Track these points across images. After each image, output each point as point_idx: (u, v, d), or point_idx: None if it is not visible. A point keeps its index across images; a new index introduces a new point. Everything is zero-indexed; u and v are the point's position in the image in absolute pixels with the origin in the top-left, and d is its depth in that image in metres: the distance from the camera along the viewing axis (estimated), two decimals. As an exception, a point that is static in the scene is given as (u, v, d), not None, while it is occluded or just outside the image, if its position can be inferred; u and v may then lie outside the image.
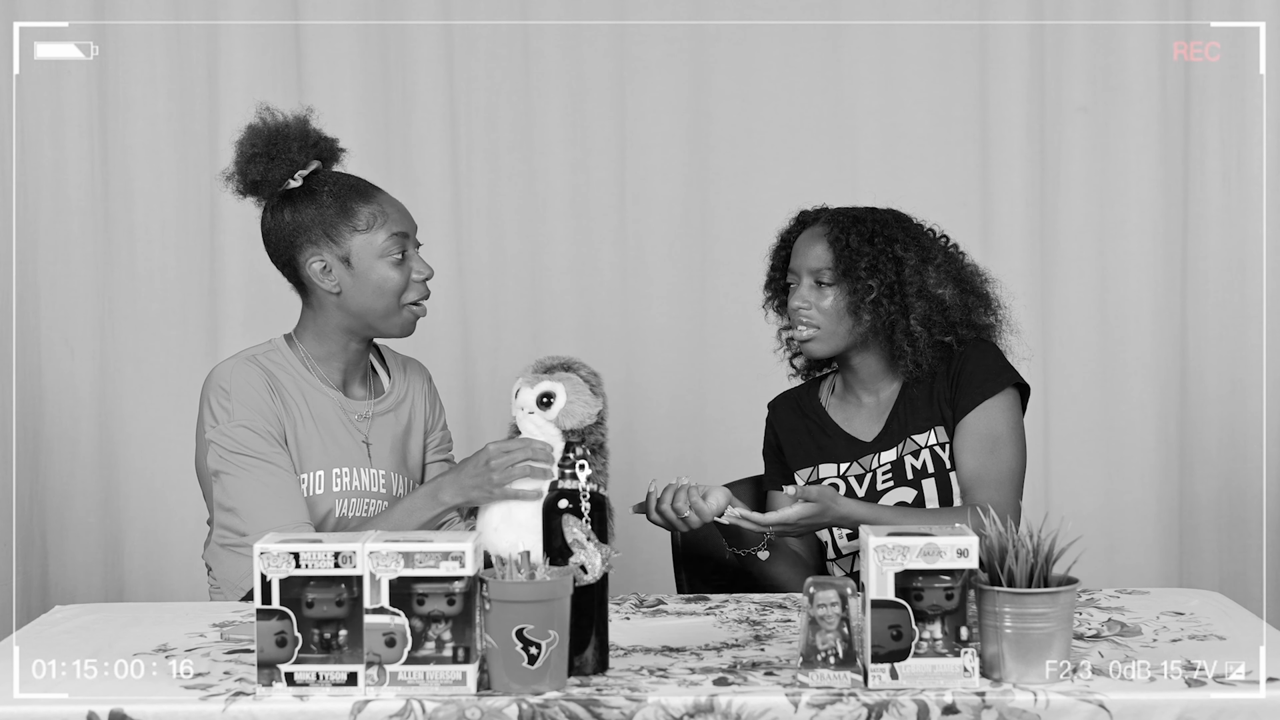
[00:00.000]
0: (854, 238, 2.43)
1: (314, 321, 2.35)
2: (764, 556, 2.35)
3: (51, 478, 3.45)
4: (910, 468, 2.44)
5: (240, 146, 2.31)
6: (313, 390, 2.33)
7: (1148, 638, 1.89)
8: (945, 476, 2.42)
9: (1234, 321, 3.47)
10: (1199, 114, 3.46)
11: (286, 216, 2.31)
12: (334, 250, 2.30)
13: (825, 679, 1.65)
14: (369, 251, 2.30)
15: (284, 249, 2.32)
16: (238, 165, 2.31)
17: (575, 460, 1.79)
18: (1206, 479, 3.51)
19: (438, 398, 2.52)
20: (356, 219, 2.30)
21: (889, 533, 1.68)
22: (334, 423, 2.33)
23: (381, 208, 2.32)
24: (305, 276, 2.32)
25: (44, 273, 3.43)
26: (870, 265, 2.41)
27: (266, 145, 2.29)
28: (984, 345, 2.47)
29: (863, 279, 2.41)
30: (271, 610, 1.65)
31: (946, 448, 2.43)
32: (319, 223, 2.29)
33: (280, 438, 2.26)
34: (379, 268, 2.30)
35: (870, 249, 2.42)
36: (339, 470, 2.31)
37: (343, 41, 3.42)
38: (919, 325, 2.41)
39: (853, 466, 2.48)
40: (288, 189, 2.30)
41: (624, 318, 3.50)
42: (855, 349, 2.47)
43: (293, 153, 2.29)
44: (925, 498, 2.42)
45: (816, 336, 2.44)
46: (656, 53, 3.47)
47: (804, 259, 2.46)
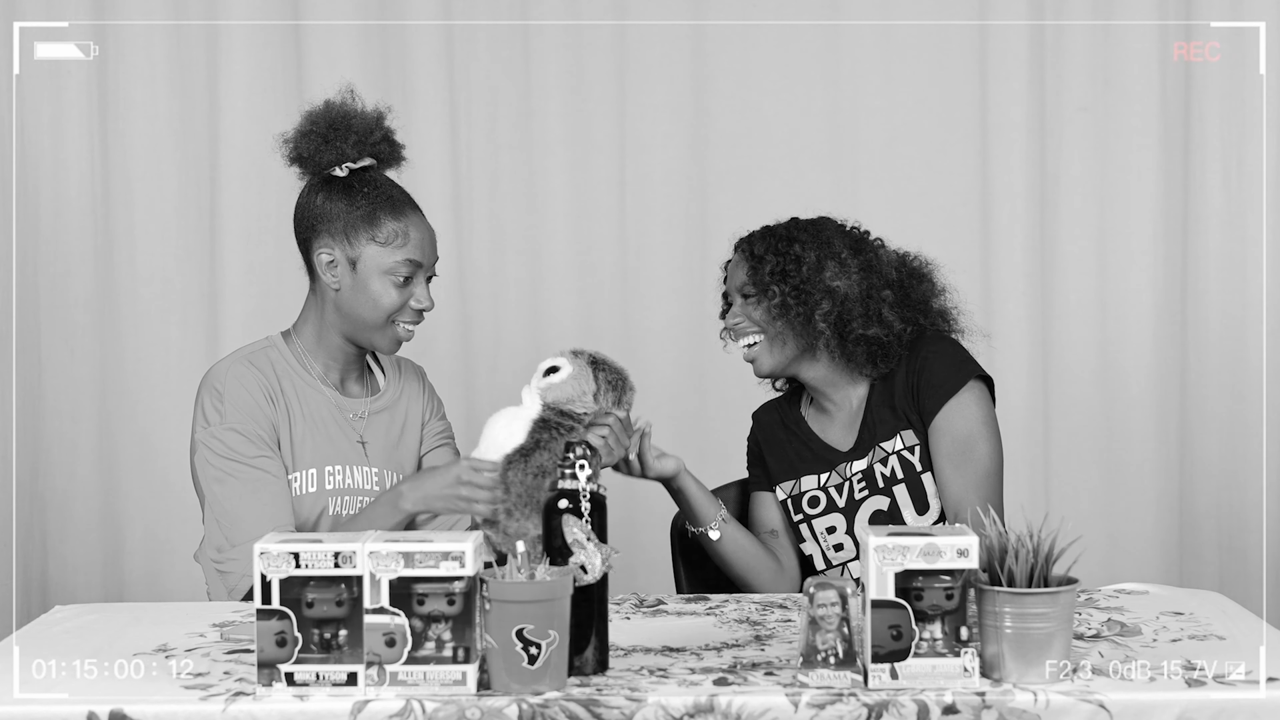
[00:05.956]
0: (760, 247, 2.48)
1: (315, 312, 2.36)
2: (714, 536, 2.43)
3: (51, 478, 3.45)
4: (880, 476, 2.45)
5: (305, 117, 2.32)
6: (308, 389, 2.33)
7: (1147, 638, 1.89)
8: (917, 480, 2.43)
9: (1234, 321, 3.47)
10: (1199, 114, 3.46)
11: (319, 200, 2.31)
12: (345, 250, 2.30)
13: (825, 679, 1.65)
14: (377, 265, 2.30)
15: (305, 229, 2.34)
16: (294, 135, 2.31)
17: (575, 460, 1.80)
18: (1206, 479, 3.51)
19: (434, 394, 2.52)
20: (378, 231, 2.30)
21: (889, 533, 1.68)
22: (329, 421, 2.34)
23: (407, 230, 2.31)
24: (314, 264, 2.33)
25: (44, 273, 3.43)
26: (774, 270, 2.45)
27: (326, 127, 2.29)
28: (938, 342, 2.46)
29: (769, 284, 2.44)
30: (271, 610, 1.65)
31: (916, 450, 2.43)
32: (342, 219, 2.29)
33: (271, 441, 2.26)
34: (380, 283, 2.30)
35: (774, 256, 2.46)
36: (332, 468, 2.31)
37: (343, 41, 3.42)
38: (824, 322, 2.42)
39: (831, 476, 2.50)
40: (332, 174, 2.31)
41: (624, 318, 3.50)
42: (804, 361, 2.48)
43: (347, 144, 2.30)
44: (899, 504, 2.43)
45: (758, 345, 2.47)
46: (656, 53, 3.47)
47: (731, 281, 2.53)
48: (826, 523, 2.48)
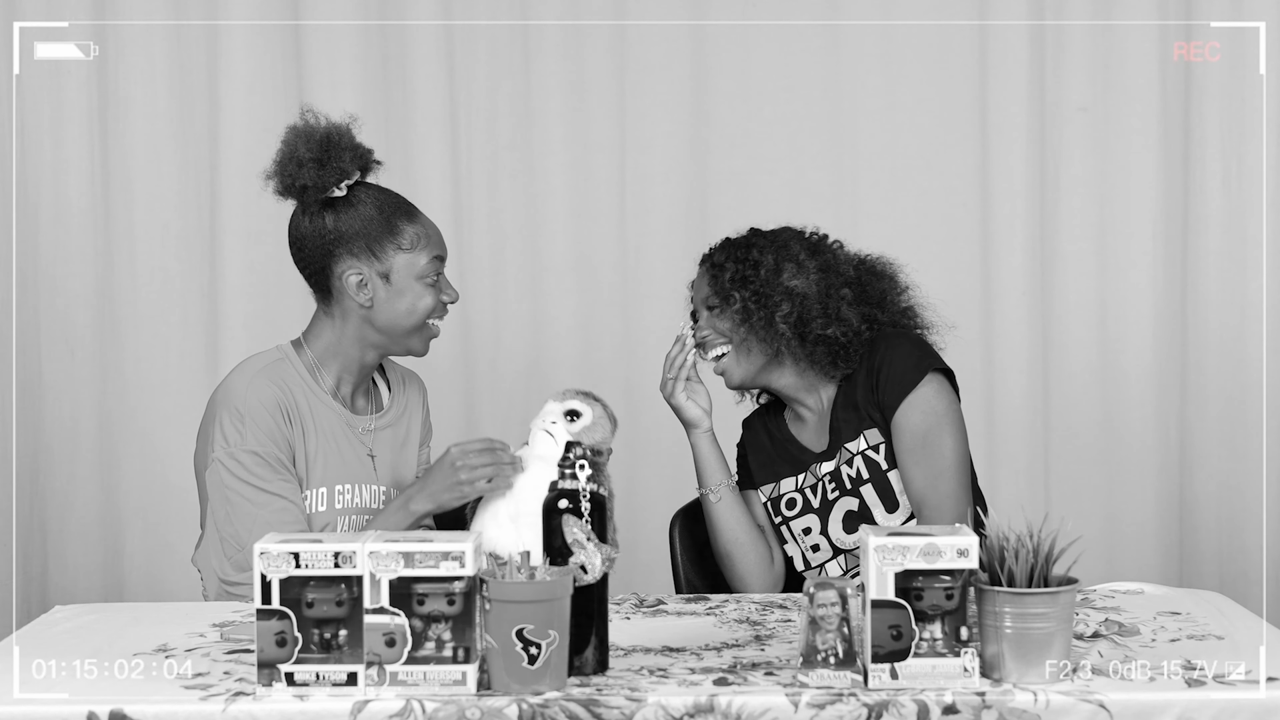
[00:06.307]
0: (720, 256, 2.50)
1: (330, 329, 2.32)
2: (714, 499, 2.49)
3: (51, 478, 3.45)
4: (847, 477, 2.46)
5: (287, 148, 2.26)
6: (320, 405, 2.31)
7: (1146, 637, 1.89)
8: (883, 479, 2.43)
9: (1234, 321, 3.47)
10: (1199, 114, 3.46)
11: (328, 223, 2.27)
12: (375, 265, 2.27)
13: (825, 679, 1.66)
14: (409, 271, 2.29)
15: (319, 256, 2.29)
16: (283, 167, 2.26)
17: (575, 460, 1.79)
18: (1206, 479, 3.51)
19: (429, 412, 2.52)
20: (401, 237, 2.28)
21: (889, 533, 1.68)
22: (340, 438, 2.32)
23: (424, 229, 2.31)
24: (336, 286, 2.29)
25: (44, 273, 3.43)
26: (733, 277, 2.46)
27: (320, 151, 2.25)
28: (896, 338, 2.47)
29: (730, 291, 2.45)
30: (271, 610, 1.65)
31: (881, 449, 2.44)
32: (362, 235, 2.27)
33: (288, 461, 2.25)
34: (416, 289, 2.29)
35: (733, 263, 2.48)
36: (341, 487, 2.31)
37: (343, 41, 3.42)
38: (784, 324, 2.43)
39: (806, 477, 2.51)
40: (330, 196, 2.28)
41: (624, 318, 3.50)
42: (771, 369, 2.48)
43: (344, 161, 2.26)
44: (868, 504, 2.44)
45: (726, 357, 2.48)
46: (656, 53, 3.47)
47: (696, 296, 2.55)
48: (803, 524, 2.50)
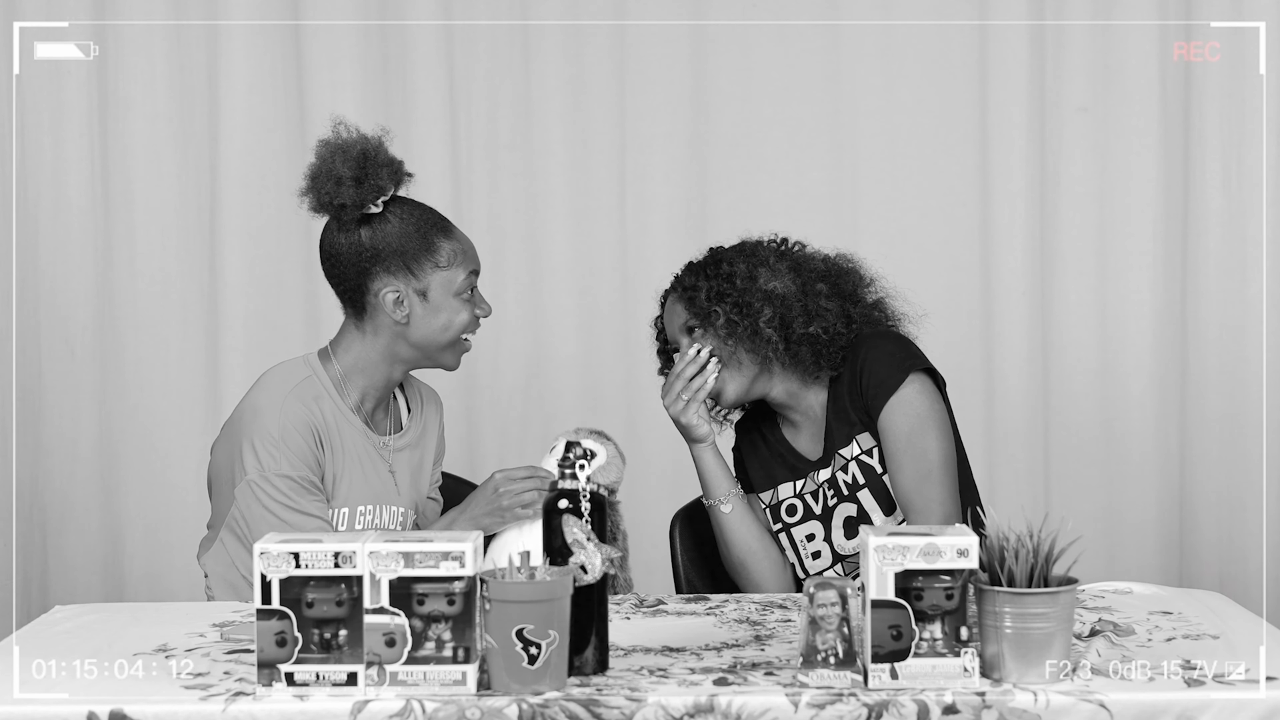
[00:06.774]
0: (690, 279, 2.48)
1: (360, 343, 2.30)
2: (726, 510, 2.47)
3: (51, 477, 3.45)
4: (844, 484, 2.45)
5: (323, 164, 2.23)
6: (346, 424, 2.29)
7: (1141, 637, 1.89)
8: (879, 482, 2.43)
9: (1234, 321, 3.47)
10: (1199, 114, 3.45)
11: (364, 239, 2.25)
12: (412, 283, 2.26)
13: (825, 679, 1.66)
14: (447, 289, 2.28)
15: (355, 273, 2.27)
16: (320, 184, 2.23)
17: (575, 460, 1.79)
18: (1206, 479, 3.50)
19: (443, 431, 2.51)
20: (439, 255, 2.27)
21: (889, 533, 1.68)
22: (363, 457, 2.31)
23: (460, 245, 2.30)
24: (371, 303, 2.28)
25: (44, 273, 3.43)
26: (709, 293, 2.44)
27: (357, 169, 2.22)
28: (878, 340, 2.46)
29: (710, 308, 2.43)
30: (271, 610, 1.65)
31: (874, 452, 2.43)
32: (399, 253, 2.25)
33: (319, 482, 2.24)
34: (453, 305, 2.28)
35: (706, 281, 2.46)
36: (363, 508, 2.30)
37: (343, 42, 3.42)
38: (769, 328, 2.41)
39: (806, 483, 2.50)
40: (367, 212, 2.25)
41: (624, 318, 3.50)
42: (761, 380, 2.46)
43: (381, 178, 2.23)
44: (866, 510, 2.44)
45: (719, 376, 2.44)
46: (656, 53, 3.47)
47: (671, 326, 2.51)
48: (806, 530, 2.49)
